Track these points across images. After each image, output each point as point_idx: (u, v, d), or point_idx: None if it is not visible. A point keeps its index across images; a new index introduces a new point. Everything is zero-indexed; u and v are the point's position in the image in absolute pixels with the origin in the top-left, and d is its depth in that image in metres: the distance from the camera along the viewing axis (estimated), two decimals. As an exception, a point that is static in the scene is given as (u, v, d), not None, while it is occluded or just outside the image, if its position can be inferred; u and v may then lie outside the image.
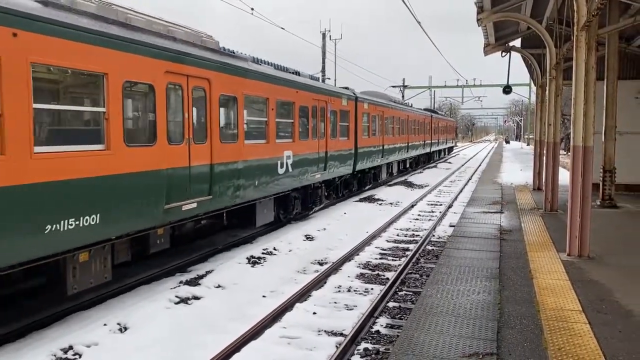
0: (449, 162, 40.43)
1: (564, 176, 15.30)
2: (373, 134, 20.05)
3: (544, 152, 15.41)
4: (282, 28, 24.40)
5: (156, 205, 7.40)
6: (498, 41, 16.15)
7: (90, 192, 6.25)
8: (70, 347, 6.24)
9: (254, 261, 10.02)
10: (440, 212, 16.29)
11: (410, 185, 23.49)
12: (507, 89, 19.94)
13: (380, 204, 17.92)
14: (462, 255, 8.72)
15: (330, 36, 37.61)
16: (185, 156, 8.01)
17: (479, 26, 12.57)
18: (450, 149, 53.81)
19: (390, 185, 22.92)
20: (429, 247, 11.54)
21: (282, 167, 11.74)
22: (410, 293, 8.41)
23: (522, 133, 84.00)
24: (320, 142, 14.37)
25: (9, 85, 5.32)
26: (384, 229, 13.42)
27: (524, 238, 9.95)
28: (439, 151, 41.84)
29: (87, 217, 6.28)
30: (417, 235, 12.89)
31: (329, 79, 34.94)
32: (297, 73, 13.26)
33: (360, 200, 18.44)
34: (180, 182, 7.90)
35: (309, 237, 12.31)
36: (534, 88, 43.84)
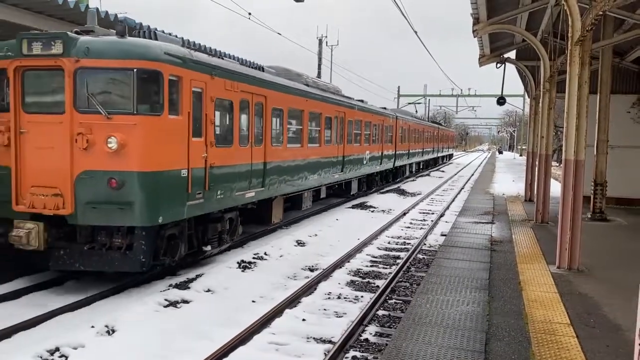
0: (442, 171, 40.54)
1: (555, 188, 15.41)
2: (404, 142, 28.51)
3: (536, 163, 15.46)
4: (278, 33, 24.35)
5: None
6: (493, 52, 16.23)
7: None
8: (57, 349, 6.20)
9: (244, 266, 9.95)
10: (432, 220, 16.28)
11: (402, 193, 23.50)
12: (501, 100, 19.96)
13: (372, 211, 17.89)
14: (453, 265, 8.71)
15: (326, 42, 37.85)
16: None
17: (474, 37, 12.63)
18: (451, 156, 61.09)
19: (382, 193, 22.96)
20: (420, 256, 11.54)
21: (364, 161, 19.90)
22: (400, 302, 8.36)
23: (515, 144, 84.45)
24: (380, 145, 22.85)
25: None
26: (375, 236, 13.40)
27: (514, 249, 9.95)
28: (443, 157, 51.33)
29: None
30: (408, 244, 12.89)
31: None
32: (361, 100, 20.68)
33: (353, 207, 18.44)
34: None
35: (300, 243, 12.27)
36: (527, 99, 44.12)
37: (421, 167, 37.20)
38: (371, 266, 10.57)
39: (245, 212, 11.35)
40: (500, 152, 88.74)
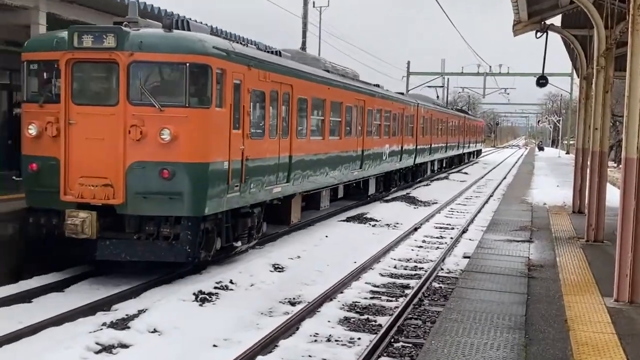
0: (465, 173, 40.82)
1: (613, 196, 15.40)
2: (425, 134, 30.75)
3: (588, 163, 15.51)
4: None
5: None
6: (532, 18, 16.16)
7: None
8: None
9: (203, 298, 9.93)
10: (451, 238, 16.36)
11: (413, 201, 23.67)
12: (541, 81, 20.17)
13: (373, 226, 17.94)
14: (479, 296, 8.71)
15: (313, 2, 37.58)
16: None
17: (507, -3, 12.63)
18: (479, 152, 64.11)
19: (386, 201, 23.06)
20: (436, 285, 11.54)
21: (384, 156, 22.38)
22: (410, 345, 8.36)
23: (560, 137, 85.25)
24: (400, 138, 25.21)
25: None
26: (377, 258, 13.43)
27: (559, 276, 10.00)
28: (469, 154, 53.88)
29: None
30: (420, 269, 12.89)
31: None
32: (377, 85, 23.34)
33: (348, 220, 18.52)
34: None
35: (278, 268, 12.28)
36: (576, 80, 44.23)
37: (444, 165, 39.90)
38: (371, 298, 10.54)
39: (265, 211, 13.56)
40: (541, 149, 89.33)
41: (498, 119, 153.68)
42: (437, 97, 55.94)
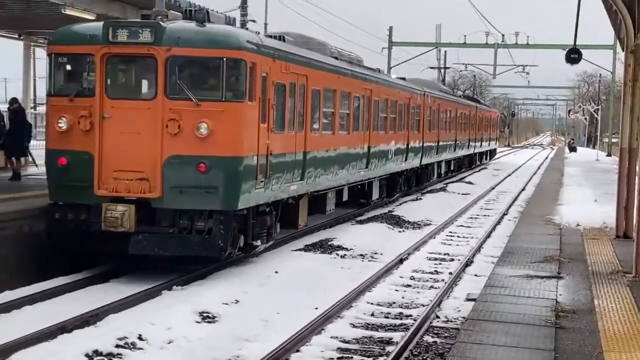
0: (469, 182, 41.20)
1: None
2: (432, 129, 34.93)
3: (637, 169, 15.74)
4: None
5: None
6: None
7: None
8: None
9: (99, 362, 9.87)
10: (449, 273, 16.46)
11: (397, 222, 23.80)
12: (573, 55, 20.45)
13: (342, 256, 18.07)
14: (488, 355, 8.76)
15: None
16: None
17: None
18: (493, 153, 69.65)
19: (361, 223, 23.14)
20: (429, 339, 11.58)
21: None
22: None
23: (598, 134, 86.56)
24: (406, 134, 29.45)
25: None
26: (348, 302, 13.46)
27: (597, 326, 10.09)
28: (482, 154, 59.03)
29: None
30: (407, 316, 12.92)
31: (253, 21, 34.90)
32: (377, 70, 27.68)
33: (306, 248, 18.64)
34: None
35: (207, 317, 12.26)
36: (620, 55, 44.46)
37: (452, 168, 44.61)
38: (339, 359, 10.54)
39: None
40: (573, 149, 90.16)
41: (514, 107, 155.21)
42: (442, 80, 56.88)
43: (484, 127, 57.21)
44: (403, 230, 22.61)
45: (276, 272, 15.56)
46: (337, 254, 18.24)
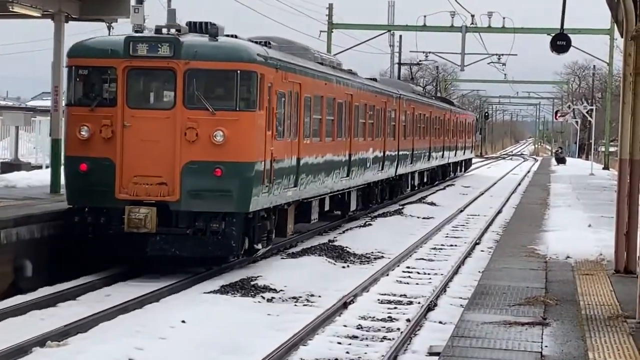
0: (431, 204, 41.52)
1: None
2: (407, 136, 41.07)
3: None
4: None
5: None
6: None
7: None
8: None
9: None
10: (407, 320, 16.52)
11: (340, 254, 23.92)
12: (560, 42, 20.71)
13: (269, 300, 18.22)
14: None
15: None
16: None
17: None
18: (469, 163, 76.73)
19: (294, 256, 23.27)
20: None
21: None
22: None
23: (592, 140, 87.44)
24: (382, 141, 35.21)
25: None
26: (276, 360, 13.46)
27: (593, 387, 10.09)
28: (456, 164, 65.34)
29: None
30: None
31: None
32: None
33: (223, 289, 18.68)
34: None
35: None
36: (619, 43, 44.79)
37: (425, 180, 50.82)
38: None
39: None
40: (561, 160, 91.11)
41: (487, 108, 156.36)
42: (413, 79, 58.52)
43: (459, 133, 62.62)
44: (348, 266, 22.72)
45: (183, 321, 15.48)
46: (263, 297, 18.27)
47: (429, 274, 22.04)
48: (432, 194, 48.05)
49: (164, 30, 20.02)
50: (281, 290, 18.98)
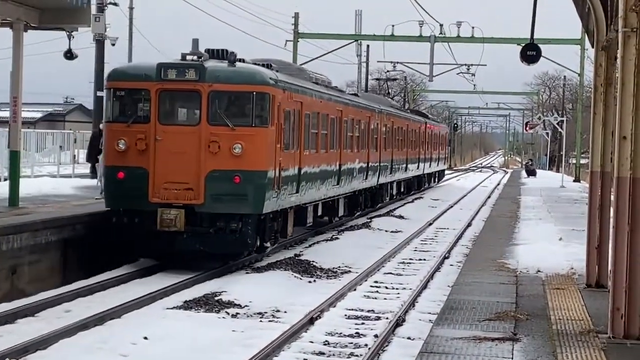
0: (399, 217, 41.91)
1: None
2: (387, 147, 45.70)
3: (612, 198, 15.49)
4: None
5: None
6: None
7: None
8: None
9: None
10: (375, 335, 16.52)
11: (306, 269, 24.18)
12: (530, 52, 20.94)
13: (234, 316, 18.32)
14: None
15: None
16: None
17: None
18: (442, 174, 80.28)
19: (259, 270, 23.30)
20: None
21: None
22: None
23: (563, 152, 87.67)
24: (366, 153, 39.93)
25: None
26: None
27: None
28: (431, 175, 69.16)
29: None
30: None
31: (114, 4, 34.57)
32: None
33: (186, 305, 18.71)
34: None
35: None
36: (590, 53, 44.95)
37: (402, 190, 54.87)
38: None
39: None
40: (531, 172, 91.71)
41: (456, 119, 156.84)
42: (386, 92, 59.68)
43: (433, 144, 66.07)
44: (314, 280, 22.83)
45: (145, 337, 15.49)
46: (227, 313, 18.30)
47: (397, 288, 22.10)
48: (401, 206, 48.29)
49: (188, 57, 23.73)
50: (246, 306, 19.03)
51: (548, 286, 18.52)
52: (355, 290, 21.59)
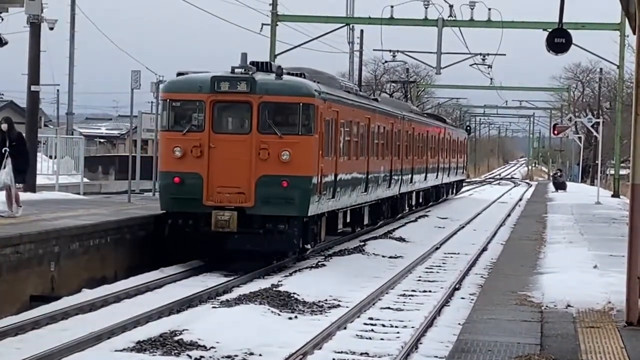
0: (399, 239, 41.19)
1: None
2: (408, 155, 49.59)
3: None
4: None
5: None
6: None
7: None
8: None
9: None
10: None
11: (286, 302, 23.30)
12: (558, 39, 19.95)
13: None
14: None
15: None
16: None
17: None
18: (460, 185, 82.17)
19: (229, 304, 22.40)
20: None
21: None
22: None
23: (599, 161, 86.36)
24: (390, 160, 45.39)
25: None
26: None
27: None
28: (448, 185, 71.62)
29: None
30: None
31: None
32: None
33: (140, 346, 18.08)
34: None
35: None
36: (631, 40, 43.31)
37: (420, 201, 57.60)
38: None
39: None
40: (560, 185, 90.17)
41: (470, 120, 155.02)
42: (406, 97, 60.36)
43: (452, 152, 69.32)
44: (295, 316, 21.79)
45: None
46: (189, 356, 17.38)
47: (396, 326, 21.01)
48: (401, 226, 47.35)
49: (237, 70, 28.03)
50: (212, 348, 17.97)
51: (580, 324, 17.57)
52: (345, 328, 20.59)
